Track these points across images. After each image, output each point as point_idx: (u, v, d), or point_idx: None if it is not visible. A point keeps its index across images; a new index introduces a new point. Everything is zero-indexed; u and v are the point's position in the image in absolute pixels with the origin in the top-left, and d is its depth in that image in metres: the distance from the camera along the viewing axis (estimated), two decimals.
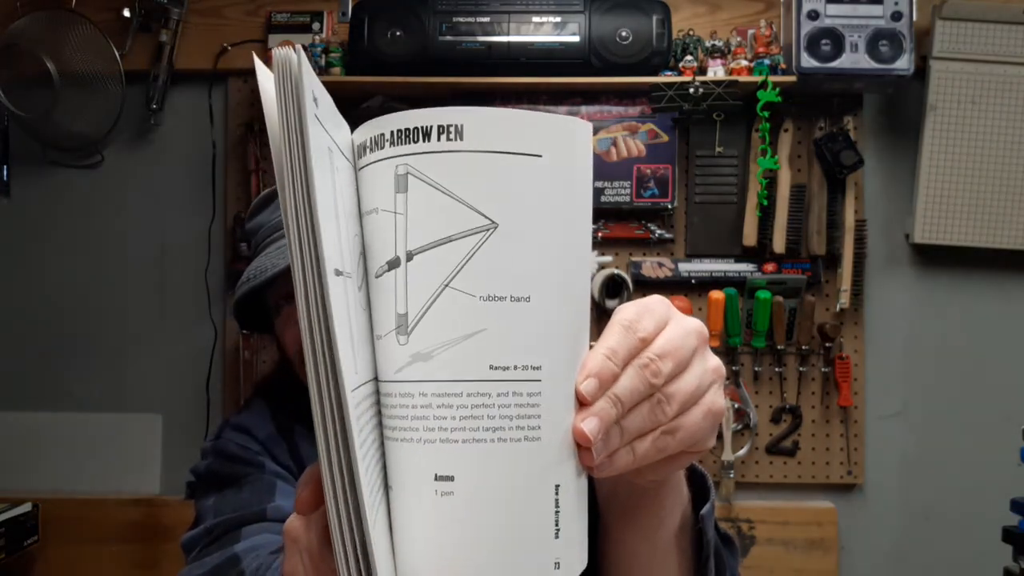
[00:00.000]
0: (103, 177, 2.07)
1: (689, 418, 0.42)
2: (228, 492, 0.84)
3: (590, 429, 0.38)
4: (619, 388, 0.39)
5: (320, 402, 0.36)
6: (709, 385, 0.43)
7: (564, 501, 0.39)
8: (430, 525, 0.38)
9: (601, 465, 0.40)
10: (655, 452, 0.41)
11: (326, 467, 0.36)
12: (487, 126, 0.38)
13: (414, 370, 0.38)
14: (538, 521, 0.38)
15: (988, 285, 2.00)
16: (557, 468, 0.39)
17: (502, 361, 0.38)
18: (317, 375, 0.36)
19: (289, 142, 0.35)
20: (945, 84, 1.92)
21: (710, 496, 0.58)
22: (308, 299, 0.36)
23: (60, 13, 1.96)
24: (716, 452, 1.96)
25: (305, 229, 0.35)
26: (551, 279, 0.39)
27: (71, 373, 2.06)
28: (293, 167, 0.35)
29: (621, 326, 0.41)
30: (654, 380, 0.40)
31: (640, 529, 0.54)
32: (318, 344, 0.36)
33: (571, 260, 0.40)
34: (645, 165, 1.95)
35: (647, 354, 0.40)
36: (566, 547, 0.39)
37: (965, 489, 1.98)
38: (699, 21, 2.00)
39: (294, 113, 0.35)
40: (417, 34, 1.85)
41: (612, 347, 0.40)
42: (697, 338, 0.43)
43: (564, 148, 0.39)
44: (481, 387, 0.38)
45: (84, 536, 1.98)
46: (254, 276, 0.86)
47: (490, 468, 0.38)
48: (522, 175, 0.38)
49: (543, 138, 0.38)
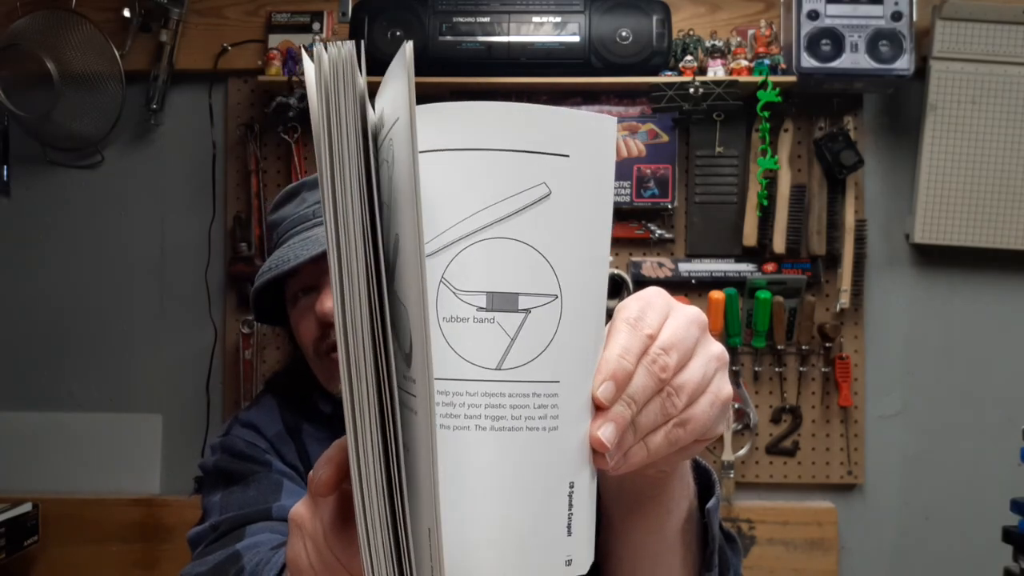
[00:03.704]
0: (103, 177, 2.07)
1: (698, 408, 0.42)
2: (235, 489, 0.85)
3: (607, 437, 0.38)
4: (632, 388, 0.40)
5: (361, 385, 0.36)
6: (714, 373, 0.43)
7: (577, 500, 0.39)
8: (451, 515, 0.38)
9: (616, 464, 0.40)
10: (668, 445, 0.41)
11: (360, 449, 0.35)
12: (527, 124, 0.37)
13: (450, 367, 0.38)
14: (554, 519, 0.38)
15: (988, 285, 2.00)
16: (573, 466, 0.39)
17: (524, 359, 0.38)
18: (366, 357, 0.36)
19: (347, 134, 0.35)
20: (945, 84, 1.92)
21: (715, 491, 0.58)
22: (361, 282, 0.35)
23: (60, 13, 1.96)
24: (716, 452, 1.96)
25: (359, 216, 0.35)
26: (578, 280, 0.39)
27: (71, 373, 2.06)
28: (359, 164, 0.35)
29: (627, 324, 0.41)
30: (663, 375, 0.40)
31: (647, 520, 0.55)
32: (376, 326, 0.35)
33: (592, 261, 0.40)
34: (645, 165, 1.95)
35: (654, 350, 0.41)
36: (577, 544, 0.39)
37: (965, 489, 1.98)
38: (699, 21, 2.00)
39: (352, 111, 0.35)
40: (417, 34, 1.85)
41: (624, 346, 0.40)
42: (699, 327, 0.44)
43: (593, 147, 0.39)
44: (501, 387, 0.38)
45: (84, 536, 1.98)
46: (276, 266, 0.86)
47: (510, 461, 0.38)
48: (553, 175, 0.38)
49: (573, 137, 0.38)
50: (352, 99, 0.35)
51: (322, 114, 0.35)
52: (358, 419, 0.35)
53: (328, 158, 0.35)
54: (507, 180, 0.37)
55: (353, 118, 0.35)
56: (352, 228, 0.35)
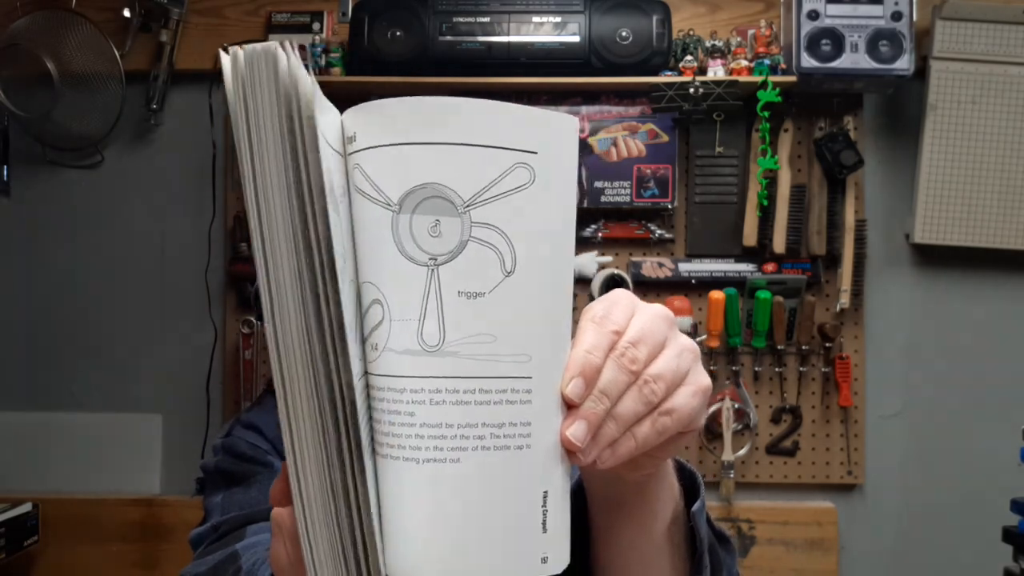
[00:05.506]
0: (103, 177, 2.07)
1: (680, 397, 0.43)
2: (236, 490, 0.85)
3: (577, 436, 0.39)
4: (602, 384, 0.40)
5: (319, 396, 0.36)
6: (689, 363, 0.44)
7: (552, 499, 0.40)
8: (422, 523, 0.38)
9: (604, 457, 0.41)
10: (656, 435, 0.42)
11: (306, 465, 0.35)
12: (497, 121, 0.38)
13: (410, 365, 0.38)
14: (528, 521, 0.39)
15: (988, 285, 2.00)
16: (547, 472, 0.40)
17: (498, 351, 0.38)
18: (316, 368, 0.35)
19: (291, 132, 0.35)
20: (945, 84, 1.92)
21: (700, 493, 0.58)
22: (317, 296, 0.35)
23: (60, 13, 1.96)
24: (716, 452, 1.96)
25: (310, 222, 0.35)
26: (542, 276, 0.40)
27: (71, 373, 2.06)
28: (296, 164, 0.35)
29: (593, 323, 0.42)
30: (633, 367, 0.41)
31: (634, 524, 0.55)
32: (327, 338, 0.35)
33: (561, 256, 0.41)
34: (645, 165, 1.95)
35: (621, 344, 0.42)
36: (552, 542, 0.40)
37: (965, 489, 1.98)
38: (699, 21, 2.00)
39: (294, 110, 0.35)
40: (417, 34, 1.85)
41: (591, 343, 0.41)
42: (666, 322, 0.45)
43: (557, 144, 0.40)
44: (481, 383, 0.38)
45: (84, 536, 1.98)
46: None
47: (483, 472, 0.38)
48: (519, 171, 0.39)
49: (538, 134, 0.39)
50: (270, 94, 0.34)
51: (240, 112, 0.35)
52: (310, 432, 0.35)
53: (249, 157, 0.35)
54: (480, 172, 0.38)
55: (272, 115, 0.34)
56: (277, 226, 0.34)
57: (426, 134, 0.38)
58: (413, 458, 0.38)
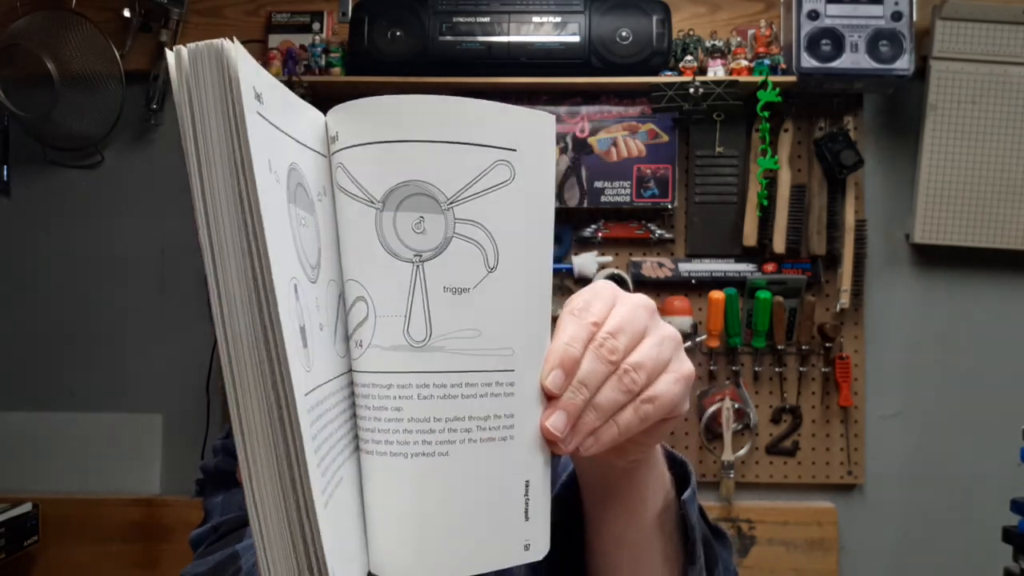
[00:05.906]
0: (103, 177, 2.07)
1: (662, 384, 0.44)
2: (236, 491, 0.85)
3: (557, 427, 0.40)
4: (582, 374, 0.41)
5: (265, 410, 0.34)
6: (671, 351, 0.45)
7: (534, 488, 0.41)
8: (410, 515, 0.38)
9: (587, 445, 0.42)
10: (638, 422, 0.43)
11: (258, 466, 0.34)
12: (478, 119, 0.39)
13: (397, 361, 0.38)
14: (512, 510, 0.40)
15: (988, 285, 2.00)
16: (529, 463, 0.41)
17: (483, 345, 0.39)
18: (254, 382, 0.34)
19: (229, 133, 0.33)
20: (945, 84, 1.92)
21: (691, 482, 0.59)
22: (257, 308, 0.34)
23: (60, 13, 1.96)
24: (716, 452, 1.96)
25: (250, 233, 0.33)
26: (524, 270, 0.40)
27: (71, 373, 2.06)
28: (224, 179, 0.34)
29: (572, 315, 0.43)
30: (612, 357, 0.42)
31: (623, 512, 0.56)
32: (264, 351, 0.34)
33: (541, 250, 0.41)
34: (645, 165, 1.95)
35: (600, 334, 0.42)
36: (534, 529, 0.41)
37: (965, 489, 1.98)
38: (699, 21, 2.00)
39: (231, 112, 0.33)
40: (417, 34, 1.85)
41: (571, 335, 0.42)
42: (646, 311, 0.45)
43: (536, 141, 0.40)
44: (468, 377, 0.39)
45: (84, 536, 1.98)
46: None
47: (470, 464, 0.39)
48: (500, 168, 0.39)
49: (517, 132, 0.40)
50: (215, 91, 0.33)
51: (185, 111, 0.33)
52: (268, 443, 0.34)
53: (195, 156, 0.34)
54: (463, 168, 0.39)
55: (218, 112, 0.33)
56: (223, 224, 0.34)
57: (408, 132, 0.38)
58: (401, 452, 0.38)
